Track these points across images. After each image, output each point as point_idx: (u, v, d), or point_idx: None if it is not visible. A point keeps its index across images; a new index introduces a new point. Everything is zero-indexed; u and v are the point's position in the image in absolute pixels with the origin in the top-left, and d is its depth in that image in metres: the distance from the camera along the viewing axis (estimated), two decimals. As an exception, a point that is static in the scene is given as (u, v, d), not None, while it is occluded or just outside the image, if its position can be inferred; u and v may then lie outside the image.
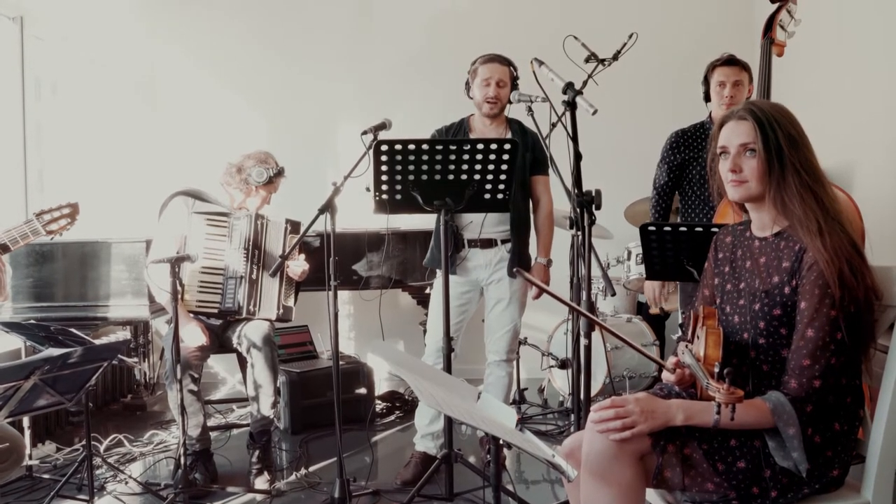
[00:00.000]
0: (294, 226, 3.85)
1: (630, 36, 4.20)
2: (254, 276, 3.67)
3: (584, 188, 2.62)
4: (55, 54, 5.08)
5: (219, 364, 5.46)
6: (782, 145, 1.89)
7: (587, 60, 4.32)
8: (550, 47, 4.25)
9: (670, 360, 2.12)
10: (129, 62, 5.64)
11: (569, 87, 2.47)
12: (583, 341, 2.50)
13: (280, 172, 3.76)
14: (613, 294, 2.88)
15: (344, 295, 5.35)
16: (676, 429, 1.90)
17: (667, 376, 2.09)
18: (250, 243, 3.66)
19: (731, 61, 3.53)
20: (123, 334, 4.85)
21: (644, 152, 4.35)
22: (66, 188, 5.04)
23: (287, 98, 5.71)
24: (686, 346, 2.05)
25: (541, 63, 2.72)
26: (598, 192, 2.47)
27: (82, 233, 3.30)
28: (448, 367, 3.05)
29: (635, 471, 1.88)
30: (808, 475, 1.82)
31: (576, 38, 4.29)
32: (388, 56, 5.70)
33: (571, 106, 2.46)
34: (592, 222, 2.47)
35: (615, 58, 4.30)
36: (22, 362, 2.08)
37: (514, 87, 3.56)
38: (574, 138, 2.48)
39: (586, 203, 2.45)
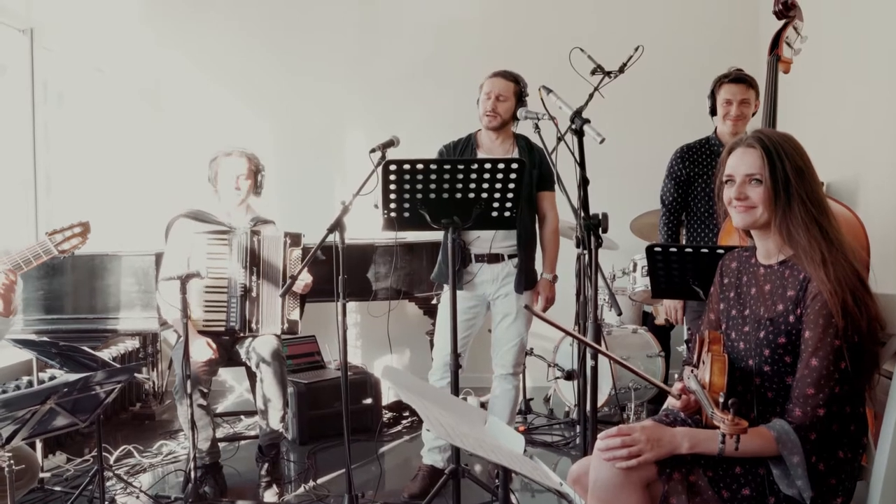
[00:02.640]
0: (294, 238, 3.84)
1: (636, 49, 4.22)
2: (254, 294, 3.68)
3: (591, 204, 2.66)
4: (64, 64, 5.13)
5: (226, 373, 5.49)
6: (789, 176, 1.91)
7: (593, 73, 4.34)
8: (556, 58, 4.29)
9: (676, 386, 2.14)
10: (136, 71, 5.68)
11: (577, 115, 2.49)
12: (589, 363, 2.52)
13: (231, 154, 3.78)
14: (620, 314, 2.91)
15: (351, 303, 5.38)
16: (682, 456, 1.93)
17: (672, 402, 2.12)
18: (248, 261, 3.67)
19: (739, 79, 3.50)
20: (132, 343, 4.90)
21: (650, 165, 4.36)
22: (73, 198, 5.10)
23: (294, 105, 5.75)
24: (692, 372, 2.07)
25: (549, 91, 2.75)
26: (605, 216, 2.49)
27: (91, 241, 3.31)
28: (455, 383, 3.07)
29: (641, 498, 1.91)
30: (812, 503, 1.84)
31: (582, 50, 4.31)
32: (395, 63, 5.73)
33: (579, 134, 2.48)
34: (599, 245, 2.49)
35: (621, 70, 4.31)
36: (39, 389, 2.12)
37: (521, 102, 3.58)
38: (581, 164, 2.50)
39: (593, 226, 2.47)
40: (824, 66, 4.39)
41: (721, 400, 1.80)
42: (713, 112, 3.66)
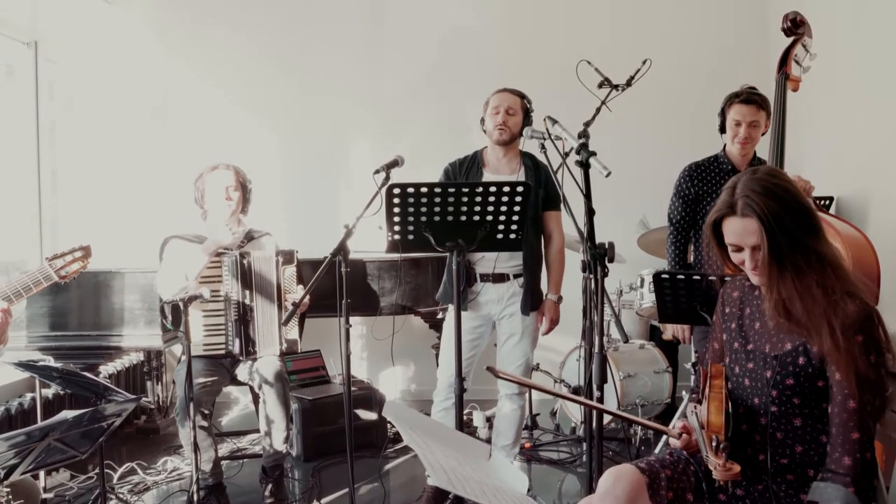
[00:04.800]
0: (286, 256, 3.75)
1: (644, 62, 4.19)
2: (250, 317, 3.62)
3: (599, 216, 2.63)
4: (68, 76, 5.12)
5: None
6: (783, 246, 1.86)
7: (600, 86, 4.32)
8: (563, 71, 4.26)
9: (678, 425, 2.10)
10: (142, 83, 5.67)
11: (582, 147, 2.45)
12: (595, 394, 2.49)
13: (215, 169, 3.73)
14: (626, 341, 2.88)
15: (357, 316, 5.34)
16: (686, 499, 1.90)
17: (673, 442, 2.08)
18: (241, 283, 3.60)
19: (749, 100, 3.40)
20: (137, 356, 4.89)
21: (658, 179, 4.33)
22: (78, 206, 5.10)
23: (299, 117, 5.72)
24: (694, 409, 2.04)
25: (554, 122, 2.71)
26: (612, 245, 2.45)
27: (96, 255, 3.28)
28: (460, 406, 3.03)
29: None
30: None
31: (589, 62, 4.29)
32: (401, 75, 5.70)
33: (585, 166, 2.44)
34: (605, 275, 2.46)
35: (629, 84, 4.29)
36: (37, 427, 2.09)
37: (527, 118, 3.55)
38: (587, 196, 2.47)
39: (599, 256, 2.43)
40: (835, 81, 4.34)
41: (715, 443, 1.78)
42: (723, 129, 3.60)
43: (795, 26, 3.34)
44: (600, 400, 2.69)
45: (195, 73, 5.73)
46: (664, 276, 2.71)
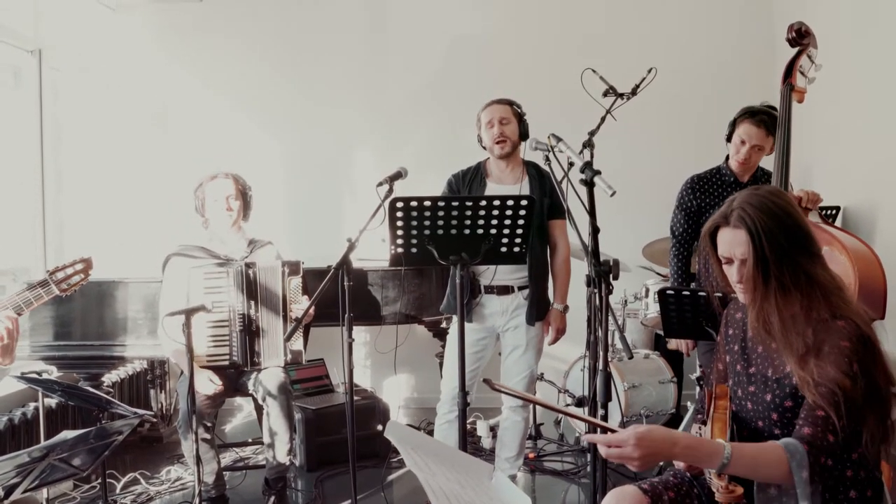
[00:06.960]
0: (292, 267, 3.71)
1: (649, 71, 4.16)
2: (255, 327, 3.60)
3: (606, 225, 2.62)
4: (72, 83, 5.12)
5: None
6: (771, 262, 1.84)
7: (605, 94, 4.29)
8: (568, 80, 4.23)
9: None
10: (144, 88, 5.68)
11: (587, 166, 2.43)
12: (600, 412, 2.47)
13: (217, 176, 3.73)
14: (630, 357, 2.86)
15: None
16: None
17: (677, 463, 2.06)
18: (246, 294, 3.58)
19: (761, 122, 3.35)
20: (140, 364, 4.88)
21: (663, 187, 4.30)
22: (80, 209, 5.10)
23: (302, 122, 5.73)
24: (699, 430, 2.03)
25: (558, 139, 2.69)
26: (616, 262, 2.44)
27: (100, 265, 3.26)
28: (463, 420, 3.01)
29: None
30: None
31: (594, 71, 4.26)
32: (404, 82, 5.69)
33: (589, 185, 2.43)
34: (610, 292, 2.44)
35: (634, 92, 4.26)
36: (38, 448, 2.08)
37: (522, 123, 3.53)
38: (592, 213, 2.45)
39: (604, 273, 2.41)
40: (840, 89, 4.32)
41: None
42: (730, 139, 3.57)
43: (800, 37, 3.29)
44: (605, 415, 2.68)
45: (197, 80, 5.74)
46: (669, 291, 2.69)
